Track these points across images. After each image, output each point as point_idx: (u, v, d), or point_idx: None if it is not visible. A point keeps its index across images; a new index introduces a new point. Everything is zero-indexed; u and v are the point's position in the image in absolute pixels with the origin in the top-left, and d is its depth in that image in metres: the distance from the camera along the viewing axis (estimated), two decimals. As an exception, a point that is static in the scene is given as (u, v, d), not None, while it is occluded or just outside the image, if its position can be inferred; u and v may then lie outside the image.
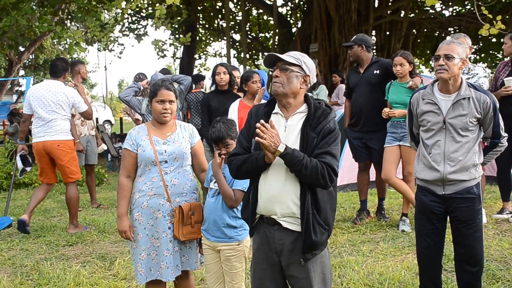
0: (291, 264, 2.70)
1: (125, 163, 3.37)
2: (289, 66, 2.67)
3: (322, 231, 2.63)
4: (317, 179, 2.56)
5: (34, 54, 24.93)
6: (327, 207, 2.68)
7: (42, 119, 6.02)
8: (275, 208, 2.66)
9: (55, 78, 6.22)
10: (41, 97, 6.02)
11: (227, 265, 3.32)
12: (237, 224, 3.30)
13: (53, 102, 6.01)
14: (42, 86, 6.17)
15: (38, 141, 6.02)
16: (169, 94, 3.34)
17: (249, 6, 18.74)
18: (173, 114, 3.40)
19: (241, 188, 3.20)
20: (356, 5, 13.61)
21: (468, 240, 3.42)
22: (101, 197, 8.13)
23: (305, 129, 2.64)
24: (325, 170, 2.56)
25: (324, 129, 2.62)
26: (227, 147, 3.26)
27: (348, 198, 7.16)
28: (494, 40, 17.89)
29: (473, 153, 3.36)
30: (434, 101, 3.41)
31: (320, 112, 2.67)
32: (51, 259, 5.09)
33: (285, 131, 2.69)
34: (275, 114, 2.76)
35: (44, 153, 6.04)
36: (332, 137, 2.63)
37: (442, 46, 3.38)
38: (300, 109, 2.72)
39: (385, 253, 4.86)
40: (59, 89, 6.10)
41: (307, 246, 2.62)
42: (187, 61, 19.44)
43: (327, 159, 2.58)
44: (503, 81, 5.55)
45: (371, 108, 5.80)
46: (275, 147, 2.54)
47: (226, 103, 5.76)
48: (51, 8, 9.97)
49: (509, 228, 5.46)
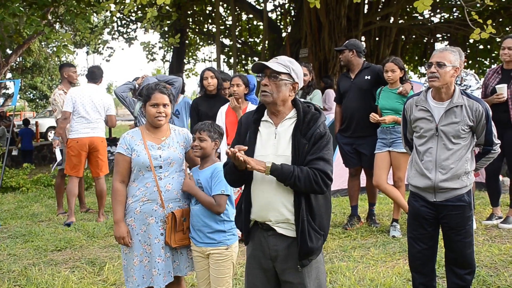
0: (286, 270, 2.68)
1: (119, 168, 3.32)
2: (277, 74, 2.65)
3: (317, 236, 2.63)
4: (312, 187, 2.56)
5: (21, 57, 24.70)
6: (322, 212, 2.67)
7: (86, 118, 6.74)
8: (269, 215, 2.66)
9: (94, 83, 6.98)
10: (89, 98, 6.76)
11: (214, 270, 3.31)
12: (225, 228, 3.31)
13: (98, 104, 6.82)
14: (88, 89, 6.89)
15: (85, 137, 6.74)
16: (163, 97, 3.31)
17: (239, 11, 18.74)
18: (168, 118, 3.38)
19: (219, 192, 3.23)
20: (346, 11, 13.64)
21: (458, 246, 3.46)
22: (90, 202, 8.06)
23: (296, 136, 2.63)
24: (318, 177, 2.55)
25: (315, 134, 2.61)
26: (201, 140, 3.31)
27: (339, 204, 7.16)
28: (482, 47, 18.11)
29: (465, 161, 3.38)
30: (427, 108, 3.43)
31: (310, 116, 2.66)
32: (39, 264, 5.03)
33: (275, 138, 2.68)
34: (264, 122, 2.75)
35: (86, 148, 6.76)
36: (323, 142, 2.62)
37: (435, 53, 3.40)
38: (290, 114, 2.71)
39: (376, 259, 4.86)
40: (101, 93, 6.97)
41: (303, 253, 2.61)
42: (177, 64, 19.39)
43: (319, 165, 2.58)
44: (494, 88, 5.59)
45: (362, 113, 5.81)
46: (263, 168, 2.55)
47: (215, 107, 5.76)
48: (40, 11, 9.88)
49: (499, 234, 5.50)
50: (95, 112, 6.80)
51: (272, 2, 19.07)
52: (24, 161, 14.07)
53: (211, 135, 3.31)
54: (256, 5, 18.72)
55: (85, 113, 6.73)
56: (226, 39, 20.52)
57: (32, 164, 11.44)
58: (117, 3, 11.07)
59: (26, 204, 8.11)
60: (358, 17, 14.31)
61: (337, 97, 6.32)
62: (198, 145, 3.31)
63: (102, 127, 6.95)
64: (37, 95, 32.72)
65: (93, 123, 6.80)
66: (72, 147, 6.73)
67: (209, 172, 3.29)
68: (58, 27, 16.54)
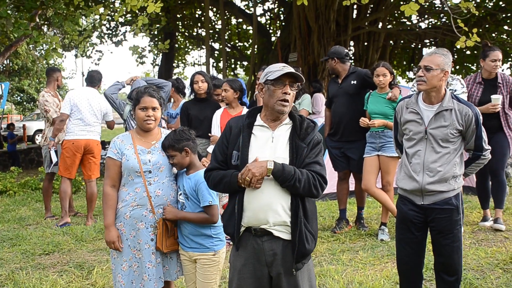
0: (281, 274, 2.68)
1: (110, 172, 3.31)
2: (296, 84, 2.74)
3: (312, 239, 2.67)
4: (310, 190, 2.60)
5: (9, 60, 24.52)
6: (313, 215, 2.73)
7: (83, 120, 6.79)
8: (268, 217, 2.64)
9: (92, 87, 7.04)
10: (87, 101, 6.82)
11: (201, 275, 3.31)
12: (212, 233, 3.31)
13: (96, 108, 6.88)
14: (86, 92, 6.96)
15: (81, 139, 6.78)
16: (152, 100, 3.31)
17: (228, 15, 18.76)
18: (157, 121, 3.38)
19: (208, 204, 3.23)
20: (335, 16, 13.72)
21: (446, 250, 3.46)
22: (78, 205, 8.02)
23: (294, 139, 2.69)
24: (316, 180, 2.62)
25: (313, 140, 2.70)
26: (172, 158, 3.31)
27: (327, 207, 7.18)
28: (469, 52, 18.27)
29: (454, 165, 3.40)
30: (417, 111, 3.46)
31: (306, 124, 2.73)
32: (27, 268, 4.99)
33: (272, 142, 2.71)
34: (258, 126, 2.75)
35: (81, 150, 6.79)
36: (318, 148, 2.72)
37: (425, 57, 3.43)
38: (285, 121, 2.77)
39: (365, 262, 4.88)
40: (99, 97, 7.00)
41: (300, 255, 2.63)
42: (166, 68, 19.35)
43: (316, 168, 2.65)
44: (480, 99, 5.69)
45: (350, 118, 5.86)
46: (266, 171, 2.57)
47: (205, 111, 5.78)
48: (27, 13, 9.82)
49: (485, 238, 5.55)
50: (92, 115, 6.85)
51: (261, 7, 19.04)
52: (11, 164, 13.99)
53: (176, 147, 3.29)
54: (246, 10, 18.75)
55: (83, 115, 6.78)
56: (215, 43, 20.54)
57: (19, 168, 11.35)
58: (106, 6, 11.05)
59: (13, 207, 8.05)
60: (347, 22, 14.41)
61: (327, 102, 6.40)
62: (172, 162, 3.33)
63: (98, 131, 7.01)
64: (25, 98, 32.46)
65: (90, 126, 6.85)
66: (67, 149, 6.76)
67: (193, 183, 3.28)
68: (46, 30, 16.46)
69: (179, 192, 3.36)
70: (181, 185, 3.35)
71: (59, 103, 7.23)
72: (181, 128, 3.42)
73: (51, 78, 7.26)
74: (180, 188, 3.35)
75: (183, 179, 3.36)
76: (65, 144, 6.80)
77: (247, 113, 2.82)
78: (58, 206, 7.98)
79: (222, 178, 2.70)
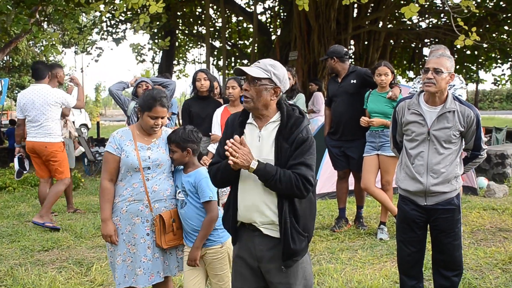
0: (271, 270, 2.70)
1: (108, 167, 3.32)
2: (257, 80, 2.63)
3: (301, 238, 2.64)
4: (292, 191, 2.57)
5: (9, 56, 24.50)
6: (306, 214, 2.68)
7: (33, 121, 6.41)
8: (254, 216, 2.67)
9: (40, 81, 6.54)
10: (31, 100, 6.38)
11: (212, 268, 3.36)
12: (216, 225, 3.33)
13: (42, 105, 6.37)
14: (30, 90, 6.53)
15: (29, 141, 6.48)
16: (163, 111, 3.33)
17: (229, 13, 18.75)
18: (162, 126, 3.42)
19: (208, 199, 3.26)
20: (335, 15, 13.72)
21: (447, 248, 3.51)
22: (78, 202, 8.01)
23: (279, 139, 2.63)
24: (299, 181, 2.56)
25: (297, 139, 2.60)
26: (172, 152, 3.34)
27: (327, 206, 7.19)
28: (469, 52, 18.29)
29: (455, 165, 3.44)
30: (419, 112, 3.46)
31: (293, 121, 2.64)
32: (26, 264, 4.99)
33: (259, 141, 2.68)
34: (249, 124, 2.75)
35: (32, 152, 6.51)
36: (305, 147, 2.61)
37: (432, 59, 3.43)
38: (274, 118, 2.70)
39: (364, 261, 4.89)
40: (46, 91, 6.44)
41: (286, 254, 2.63)
42: (166, 66, 19.34)
43: (301, 170, 2.58)
44: None
45: (349, 117, 5.86)
46: (248, 165, 2.54)
47: (207, 108, 5.77)
48: (27, 10, 9.81)
49: (485, 238, 5.56)
50: (38, 114, 6.38)
51: (262, 5, 19.03)
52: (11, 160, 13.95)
53: (181, 145, 3.31)
54: (246, 8, 18.74)
55: (29, 115, 6.42)
56: (215, 41, 20.52)
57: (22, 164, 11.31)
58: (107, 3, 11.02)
59: (12, 203, 8.05)
60: (348, 20, 14.40)
61: (327, 101, 6.40)
62: (171, 156, 3.35)
63: (48, 130, 6.44)
64: (24, 94, 32.46)
65: (37, 126, 6.41)
66: (27, 151, 6.64)
67: (192, 179, 3.31)
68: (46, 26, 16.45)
69: (177, 190, 3.37)
70: (179, 183, 3.37)
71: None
72: (191, 128, 3.41)
73: (51, 75, 7.23)
74: (179, 186, 3.37)
75: (181, 177, 3.38)
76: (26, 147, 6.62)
77: (242, 110, 2.81)
78: (58, 202, 7.96)
79: (219, 167, 2.71)
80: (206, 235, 3.29)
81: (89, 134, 23.18)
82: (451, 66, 3.39)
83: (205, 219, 3.27)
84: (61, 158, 6.58)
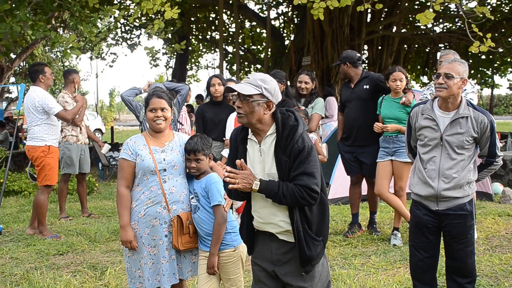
0: (289, 274, 2.73)
1: (124, 173, 3.35)
2: (249, 97, 2.63)
3: (315, 243, 2.66)
4: (298, 202, 2.59)
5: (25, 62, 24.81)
6: (318, 218, 2.70)
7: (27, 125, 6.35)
8: (269, 229, 2.73)
9: (33, 84, 6.42)
10: (25, 104, 6.31)
11: (225, 272, 3.39)
12: (228, 229, 3.37)
13: (28, 108, 6.23)
14: (28, 93, 6.40)
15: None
16: (160, 101, 3.36)
17: (242, 18, 18.84)
18: (168, 121, 3.42)
19: (217, 203, 3.30)
20: (349, 20, 13.73)
21: (459, 254, 3.49)
22: (92, 206, 8.08)
23: (277, 153, 2.64)
24: (303, 192, 2.56)
25: (294, 150, 2.59)
26: (198, 162, 3.34)
27: (340, 212, 7.18)
28: (484, 57, 18.15)
29: (468, 171, 3.42)
30: (432, 117, 3.46)
31: (288, 131, 2.63)
32: (41, 268, 5.04)
33: (261, 156, 2.70)
34: (249, 140, 2.77)
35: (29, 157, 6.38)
36: (303, 156, 2.58)
37: (444, 64, 3.42)
38: (270, 130, 2.70)
39: (377, 267, 4.87)
40: (33, 94, 6.25)
41: (303, 260, 2.66)
42: (180, 71, 19.47)
43: (303, 180, 2.57)
44: None
45: (362, 122, 5.85)
46: (250, 186, 2.57)
47: (220, 114, 5.80)
48: (44, 16, 9.94)
49: (500, 244, 5.51)
50: (29, 117, 6.23)
51: (275, 10, 19.10)
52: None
53: (205, 152, 3.36)
54: (260, 13, 18.82)
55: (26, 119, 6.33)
56: (229, 46, 20.62)
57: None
58: (121, 9, 11.14)
59: (28, 208, 8.12)
60: (361, 26, 14.40)
61: (340, 106, 6.40)
62: (195, 166, 3.35)
63: (37, 134, 6.19)
64: (40, 99, 32.83)
65: (30, 129, 6.25)
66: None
67: (204, 184, 3.36)
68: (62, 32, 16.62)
69: (190, 196, 3.40)
70: (191, 189, 3.42)
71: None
72: (202, 135, 3.46)
73: (68, 80, 7.31)
74: (191, 192, 3.41)
75: (193, 183, 3.42)
76: None
77: (241, 126, 2.80)
78: (73, 207, 8.08)
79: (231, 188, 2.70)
80: (219, 239, 3.31)
81: (103, 139, 23.38)
82: (463, 71, 3.38)
83: (214, 224, 3.30)
84: (44, 163, 6.20)
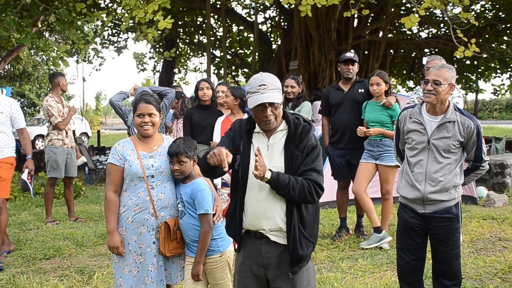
0: (278, 277, 2.74)
1: (112, 178, 3.33)
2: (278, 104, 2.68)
3: (307, 244, 2.70)
4: (305, 198, 2.62)
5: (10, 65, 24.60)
6: (312, 220, 2.74)
7: None
8: (263, 224, 2.71)
9: None
10: None
11: (212, 277, 3.37)
12: (214, 235, 3.34)
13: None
14: None
15: None
16: (147, 107, 3.33)
17: (229, 22, 18.86)
18: (156, 126, 3.40)
19: (203, 212, 3.27)
20: (335, 25, 13.80)
21: (445, 257, 3.54)
22: (79, 210, 8.03)
23: (289, 147, 2.69)
24: (311, 187, 2.62)
25: (307, 146, 2.68)
26: (181, 164, 3.30)
27: (327, 215, 7.21)
28: (468, 62, 18.37)
29: (454, 175, 3.47)
30: (420, 121, 3.51)
31: (301, 129, 2.72)
32: (28, 272, 5.00)
33: (268, 150, 2.73)
34: (256, 133, 2.79)
35: None
36: (314, 153, 2.69)
37: (432, 71, 3.47)
38: (281, 126, 2.77)
39: (364, 270, 4.91)
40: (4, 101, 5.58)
41: (294, 260, 2.67)
42: (167, 75, 19.42)
43: (312, 175, 2.65)
44: None
45: (356, 125, 5.78)
46: (263, 175, 2.58)
47: (208, 118, 5.81)
48: (30, 19, 9.87)
49: (484, 247, 5.58)
50: None
51: (262, 15, 19.15)
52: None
53: (188, 155, 3.32)
54: (247, 17, 18.86)
55: None
56: (216, 50, 20.62)
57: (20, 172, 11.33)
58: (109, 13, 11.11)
59: (14, 212, 8.06)
60: (348, 31, 14.48)
61: (324, 110, 6.25)
62: (178, 168, 3.31)
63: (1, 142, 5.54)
64: (25, 103, 32.51)
65: None
66: None
67: (189, 190, 3.32)
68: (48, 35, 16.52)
69: (177, 201, 3.39)
70: (178, 194, 3.39)
71: (63, 109, 7.22)
72: (186, 138, 3.45)
73: (53, 83, 7.28)
74: (178, 197, 3.39)
75: (180, 188, 3.39)
76: None
77: (247, 119, 2.85)
78: (59, 211, 8.02)
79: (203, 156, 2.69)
80: (205, 248, 3.29)
81: (90, 142, 23.23)
82: (451, 77, 3.43)
83: (201, 233, 3.27)
84: None
